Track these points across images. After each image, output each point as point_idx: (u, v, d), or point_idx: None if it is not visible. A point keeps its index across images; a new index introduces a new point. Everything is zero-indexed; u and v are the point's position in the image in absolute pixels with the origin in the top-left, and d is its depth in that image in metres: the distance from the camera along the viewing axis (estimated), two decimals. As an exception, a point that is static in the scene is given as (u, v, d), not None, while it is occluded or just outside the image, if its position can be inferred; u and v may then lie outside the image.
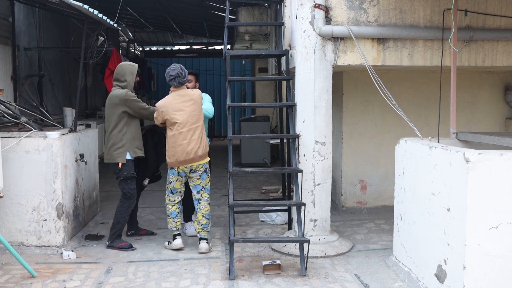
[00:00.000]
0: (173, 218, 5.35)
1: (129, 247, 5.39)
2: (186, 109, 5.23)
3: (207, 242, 5.33)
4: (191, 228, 5.88)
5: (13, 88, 7.45)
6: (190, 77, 5.87)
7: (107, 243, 5.45)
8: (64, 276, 4.62)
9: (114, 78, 5.51)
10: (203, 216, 5.31)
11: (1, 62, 7.18)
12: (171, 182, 5.31)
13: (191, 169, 5.24)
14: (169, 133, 5.24)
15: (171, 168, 5.27)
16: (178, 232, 5.40)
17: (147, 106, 5.48)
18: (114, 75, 5.50)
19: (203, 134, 5.33)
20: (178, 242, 5.36)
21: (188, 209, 5.93)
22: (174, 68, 5.27)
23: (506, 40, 5.43)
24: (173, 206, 5.35)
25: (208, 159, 5.35)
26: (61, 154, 5.26)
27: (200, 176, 5.27)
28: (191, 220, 6.03)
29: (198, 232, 5.35)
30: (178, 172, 5.25)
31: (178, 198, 5.36)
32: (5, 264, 4.94)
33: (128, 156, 5.34)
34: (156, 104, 5.32)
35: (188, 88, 5.53)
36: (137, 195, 5.68)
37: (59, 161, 5.24)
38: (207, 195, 5.36)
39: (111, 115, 5.37)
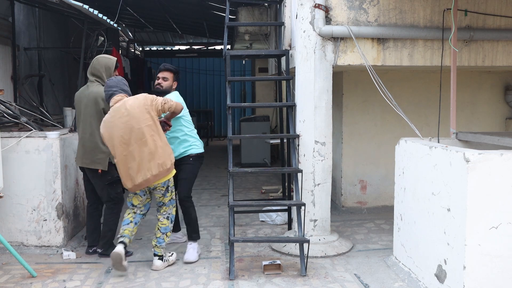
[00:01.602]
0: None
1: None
2: (124, 125, 4.42)
3: (160, 259, 4.74)
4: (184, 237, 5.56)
5: (13, 88, 7.44)
6: (166, 74, 5.15)
7: (99, 251, 5.07)
8: (64, 276, 4.62)
9: (90, 72, 5.03)
10: (158, 229, 4.76)
11: (1, 62, 7.17)
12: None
13: (151, 187, 4.66)
14: (115, 159, 4.53)
15: None
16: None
17: None
18: (90, 69, 5.03)
19: (159, 147, 4.45)
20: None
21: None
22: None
23: (506, 40, 5.43)
24: (133, 222, 4.76)
25: (170, 176, 4.62)
26: (61, 154, 5.26)
27: (162, 194, 4.70)
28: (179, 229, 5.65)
29: (152, 247, 4.77)
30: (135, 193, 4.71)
31: (139, 211, 4.80)
32: (5, 264, 4.94)
33: (110, 160, 4.93)
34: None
35: (161, 86, 5.14)
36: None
37: (59, 161, 5.24)
38: (167, 208, 4.78)
39: (90, 114, 4.91)
